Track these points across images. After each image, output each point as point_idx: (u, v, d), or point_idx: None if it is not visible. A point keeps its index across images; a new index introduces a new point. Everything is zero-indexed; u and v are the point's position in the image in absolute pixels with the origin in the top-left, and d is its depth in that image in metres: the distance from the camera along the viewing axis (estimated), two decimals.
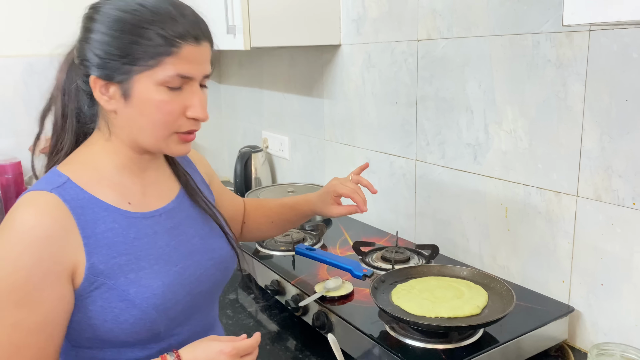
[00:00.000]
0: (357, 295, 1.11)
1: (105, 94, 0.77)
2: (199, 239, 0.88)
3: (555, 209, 1.07)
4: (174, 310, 0.81)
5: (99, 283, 0.75)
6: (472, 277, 1.07)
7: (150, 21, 0.73)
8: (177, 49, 0.74)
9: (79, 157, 0.81)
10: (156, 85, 0.74)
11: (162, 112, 0.76)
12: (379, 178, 1.55)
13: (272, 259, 1.34)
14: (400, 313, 0.95)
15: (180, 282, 0.82)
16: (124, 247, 0.78)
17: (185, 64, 0.75)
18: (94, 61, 0.75)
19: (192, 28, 0.76)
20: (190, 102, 0.77)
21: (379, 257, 1.28)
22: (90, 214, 0.76)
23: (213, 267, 0.88)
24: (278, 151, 2.05)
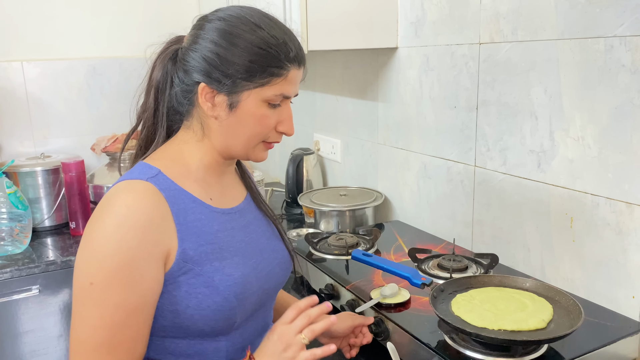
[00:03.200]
0: (414, 304, 1.10)
1: (210, 100, 0.83)
2: (266, 239, 0.95)
3: (626, 220, 1.02)
4: (250, 302, 0.86)
5: (187, 269, 0.79)
6: (536, 289, 1.03)
7: (269, 43, 0.81)
8: (286, 72, 0.82)
9: (168, 152, 0.87)
10: (261, 101, 0.82)
11: (261, 125, 0.84)
12: (435, 184, 1.52)
13: (326, 263, 1.33)
14: (461, 324, 0.92)
15: (255, 275, 0.87)
16: (210, 237, 0.83)
17: (289, 85, 0.83)
18: (206, 70, 0.81)
19: (299, 53, 0.84)
20: (282, 117, 0.86)
21: (435, 265, 1.26)
22: (181, 203, 0.81)
23: (278, 266, 0.95)
24: (330, 154, 2.05)
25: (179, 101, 0.86)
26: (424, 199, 1.58)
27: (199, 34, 0.83)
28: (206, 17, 0.86)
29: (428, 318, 1.02)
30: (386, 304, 1.09)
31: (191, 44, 0.84)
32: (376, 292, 1.13)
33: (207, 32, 0.82)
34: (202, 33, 0.83)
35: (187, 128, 0.88)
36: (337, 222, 1.68)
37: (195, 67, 0.82)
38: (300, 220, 1.92)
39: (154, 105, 0.87)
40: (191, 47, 0.83)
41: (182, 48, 0.86)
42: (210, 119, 0.84)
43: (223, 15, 0.83)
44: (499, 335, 0.89)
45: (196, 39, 0.83)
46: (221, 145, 0.86)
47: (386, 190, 1.76)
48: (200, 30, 0.84)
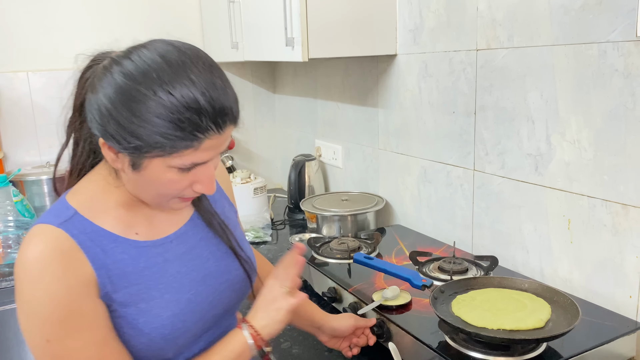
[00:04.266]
0: (415, 305, 1.12)
1: (112, 152, 0.73)
2: (214, 261, 0.87)
3: (622, 221, 1.04)
4: (183, 338, 0.82)
5: (112, 309, 0.76)
6: (534, 290, 1.05)
7: (178, 113, 0.67)
8: (198, 143, 0.69)
9: (88, 186, 0.80)
10: (168, 167, 0.71)
11: (169, 188, 0.75)
12: (435, 188, 1.54)
13: (328, 267, 1.35)
14: (461, 324, 0.95)
15: (191, 310, 0.82)
16: (134, 277, 0.78)
17: (203, 153, 0.71)
18: (103, 127, 0.70)
19: (220, 117, 0.70)
20: (198, 178, 0.75)
21: (436, 268, 1.28)
22: (100, 245, 0.76)
23: (228, 289, 0.88)
24: (331, 160, 2.08)
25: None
26: (424, 202, 1.61)
27: (102, 81, 0.70)
28: (110, 63, 0.71)
29: (429, 319, 1.04)
30: (388, 306, 1.11)
31: (92, 87, 0.72)
32: (378, 295, 1.15)
33: (107, 84, 0.69)
34: (103, 82, 0.70)
35: (105, 161, 0.79)
36: (339, 226, 1.70)
37: (94, 117, 0.71)
38: (303, 225, 1.94)
39: (73, 132, 0.80)
40: (92, 89, 0.71)
41: (88, 81, 0.74)
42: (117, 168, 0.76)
43: (129, 69, 0.68)
44: (498, 335, 0.91)
45: (98, 85, 0.70)
46: (133, 193, 0.79)
47: (387, 194, 1.78)
48: (103, 77, 0.70)
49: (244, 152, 2.44)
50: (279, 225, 1.98)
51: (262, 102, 2.46)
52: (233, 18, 1.87)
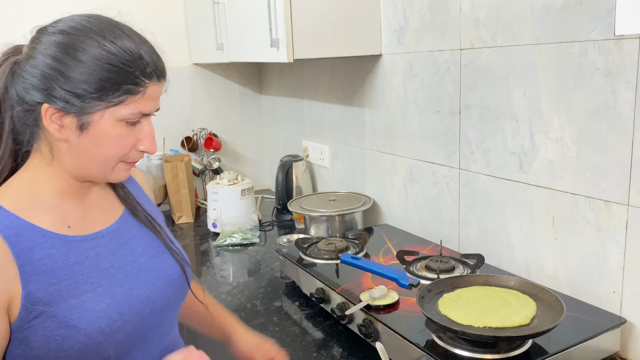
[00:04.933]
0: (402, 305, 1.12)
1: (56, 122, 0.74)
2: (147, 257, 0.86)
3: (605, 218, 1.06)
4: (123, 333, 0.79)
5: (38, 312, 0.73)
6: (520, 287, 1.06)
7: (122, 59, 0.73)
8: (144, 88, 0.75)
9: (15, 183, 0.78)
10: (117, 120, 0.75)
11: (118, 146, 0.77)
12: (422, 187, 1.55)
13: (316, 267, 1.35)
14: (448, 322, 0.95)
15: (127, 303, 0.80)
16: (63, 272, 0.76)
17: (147, 102, 0.77)
18: (48, 89, 0.72)
19: (157, 67, 0.77)
20: (142, 135, 0.79)
21: (423, 267, 1.28)
22: (26, 241, 0.74)
23: (164, 285, 0.87)
24: (319, 160, 2.08)
25: (22, 122, 0.76)
26: (411, 202, 1.61)
27: (37, 47, 0.73)
28: (45, 29, 0.75)
29: (416, 318, 1.05)
30: (375, 306, 1.11)
31: (29, 58, 0.73)
32: (365, 295, 1.15)
33: (47, 45, 0.72)
34: (40, 47, 0.73)
35: (35, 152, 0.78)
36: (327, 227, 1.70)
37: (35, 85, 0.72)
38: (290, 226, 1.94)
39: None
40: (29, 61, 0.73)
41: (19, 61, 0.75)
42: (60, 141, 0.75)
43: (64, 27, 0.74)
44: (484, 332, 0.91)
45: (34, 53, 0.73)
46: (74, 168, 0.78)
47: (374, 194, 1.79)
48: (38, 44, 0.73)
49: (231, 154, 2.44)
50: (267, 226, 1.97)
51: (249, 103, 2.46)
52: (218, 19, 1.87)
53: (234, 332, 1.06)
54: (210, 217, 1.91)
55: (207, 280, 1.55)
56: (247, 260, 1.69)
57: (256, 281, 1.52)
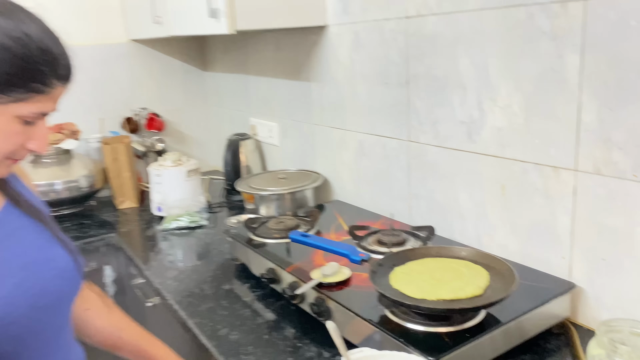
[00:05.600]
0: (354, 281, 1.09)
1: None
2: (36, 249, 0.82)
3: (553, 184, 1.05)
4: (17, 326, 0.75)
5: None
6: (472, 257, 1.05)
7: (35, 56, 0.69)
8: (51, 89, 0.71)
9: None
10: (14, 117, 0.71)
11: (8, 142, 0.72)
12: (372, 161, 1.52)
13: (266, 247, 1.31)
14: (400, 297, 0.93)
15: (20, 295, 0.76)
16: None
17: (51, 103, 0.73)
18: None
19: (67, 69, 0.74)
20: (35, 135, 0.75)
21: (375, 241, 1.26)
22: None
23: (57, 277, 0.83)
24: (267, 138, 2.02)
25: None
26: (362, 177, 1.58)
27: None
28: None
29: (369, 294, 1.02)
30: (327, 284, 1.07)
31: None
32: (317, 273, 1.11)
33: None
34: None
35: None
36: (278, 206, 1.65)
37: None
38: (241, 207, 1.88)
39: None
40: None
41: None
42: None
43: None
44: (437, 305, 0.89)
45: None
46: None
47: (325, 170, 1.74)
48: None
49: (175, 135, 2.34)
50: (216, 208, 1.90)
51: (192, 80, 2.36)
52: None
53: (153, 353, 1.01)
54: (154, 201, 1.82)
55: (153, 267, 1.48)
56: (196, 244, 1.63)
57: (205, 265, 1.46)
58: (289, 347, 1.04)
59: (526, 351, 0.97)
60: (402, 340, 0.88)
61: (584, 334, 1.01)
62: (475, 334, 0.89)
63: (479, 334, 0.88)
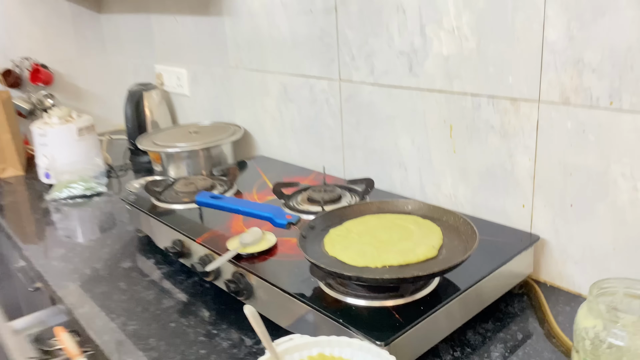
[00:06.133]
0: (281, 248, 0.89)
1: None
2: None
3: (511, 120, 0.89)
4: None
5: None
6: (419, 211, 0.87)
7: None
8: None
9: None
10: None
11: None
12: (298, 107, 1.30)
13: (174, 215, 1.07)
14: (337, 266, 0.73)
15: None
16: None
17: None
18: None
19: None
20: None
21: (305, 199, 1.06)
22: None
23: None
24: (176, 87, 1.74)
25: None
26: (287, 126, 1.36)
27: None
28: None
29: (299, 264, 0.82)
30: (247, 255, 0.87)
31: None
32: (234, 242, 0.90)
33: None
34: None
35: None
36: (190, 165, 1.41)
37: None
38: (149, 169, 1.62)
39: None
40: None
41: None
42: None
43: None
44: (384, 275, 0.71)
45: None
46: None
47: (245, 122, 1.51)
48: None
49: (69, 89, 2.00)
50: (119, 171, 1.63)
51: (85, 25, 2.01)
52: None
53: None
54: (40, 166, 1.52)
55: (35, 246, 1.20)
56: (93, 215, 1.36)
57: (102, 240, 1.20)
58: (202, 336, 0.83)
59: (486, 318, 0.81)
60: (341, 321, 0.69)
61: (549, 292, 0.87)
62: (431, 307, 0.71)
63: (435, 306, 0.71)
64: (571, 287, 0.87)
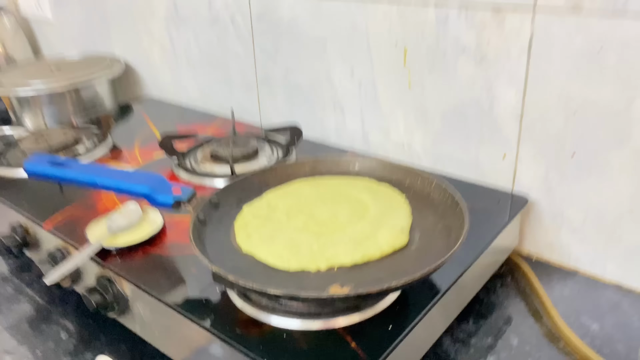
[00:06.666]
0: (172, 234, 0.60)
1: None
2: None
3: (492, 39, 0.63)
4: None
5: None
6: (372, 172, 0.61)
7: None
8: None
9: None
10: None
11: None
12: (195, 30, 0.98)
13: (15, 187, 0.74)
14: (256, 274, 0.46)
15: None
16: None
17: None
18: None
19: None
20: None
21: (207, 157, 0.77)
22: None
23: None
24: (35, 10, 1.33)
25: None
26: (181, 57, 1.04)
27: None
28: None
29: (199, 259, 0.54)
30: (118, 249, 0.57)
31: None
32: (99, 228, 0.60)
33: None
34: None
35: None
36: (53, 113, 1.05)
37: None
38: (4, 118, 1.23)
39: None
40: None
41: None
42: None
43: None
44: (333, 285, 0.45)
45: None
46: None
47: (126, 53, 1.16)
48: None
49: None
50: None
51: None
52: None
53: None
54: None
55: None
56: None
57: None
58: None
59: (465, 316, 0.58)
60: (265, 357, 0.43)
61: (536, 269, 0.66)
62: (403, 323, 0.46)
63: (409, 323, 0.46)
64: (565, 260, 0.67)
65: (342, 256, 0.46)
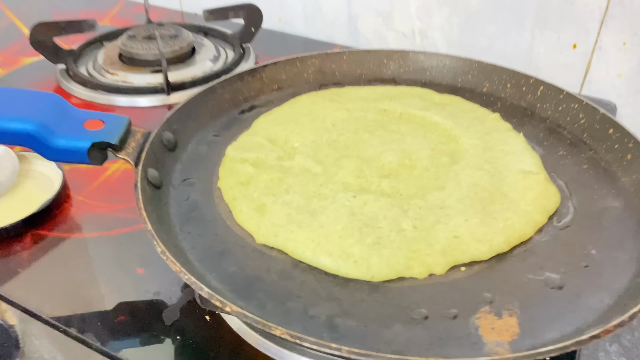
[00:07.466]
0: (83, 202, 0.33)
1: None
2: None
3: None
4: None
5: None
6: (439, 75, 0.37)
7: None
8: None
9: None
10: None
11: None
12: None
13: None
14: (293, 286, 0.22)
15: None
16: None
17: None
18: None
19: None
20: None
21: (114, 60, 0.47)
22: None
23: None
24: None
25: None
26: None
27: None
28: None
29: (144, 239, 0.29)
30: None
31: None
32: None
33: None
34: None
35: None
36: None
37: None
38: None
39: None
40: None
41: None
42: None
43: None
44: (475, 313, 0.22)
45: None
46: None
47: None
48: None
49: None
50: None
51: None
52: None
53: None
54: None
55: None
56: None
57: None
58: None
59: None
60: None
61: None
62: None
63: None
64: None
65: (470, 242, 0.23)
